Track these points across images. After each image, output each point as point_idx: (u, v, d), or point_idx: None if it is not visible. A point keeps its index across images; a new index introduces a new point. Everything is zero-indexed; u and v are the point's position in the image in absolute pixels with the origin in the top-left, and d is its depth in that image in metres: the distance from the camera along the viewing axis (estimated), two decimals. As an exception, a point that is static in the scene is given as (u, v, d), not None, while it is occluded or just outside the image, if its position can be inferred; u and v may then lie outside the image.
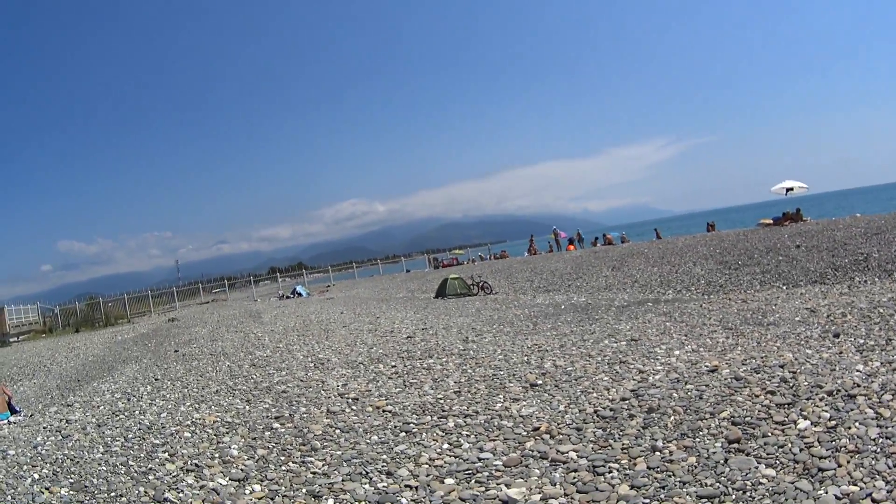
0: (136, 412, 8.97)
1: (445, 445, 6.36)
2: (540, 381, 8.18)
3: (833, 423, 5.37)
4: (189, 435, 7.34)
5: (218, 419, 7.99)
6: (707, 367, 7.68)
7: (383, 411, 7.79)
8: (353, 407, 8.11)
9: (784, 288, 15.29)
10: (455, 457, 6.05)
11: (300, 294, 39.35)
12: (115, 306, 39.88)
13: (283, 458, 6.43)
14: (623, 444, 5.71)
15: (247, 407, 8.65)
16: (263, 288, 52.17)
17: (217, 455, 6.56)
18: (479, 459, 5.87)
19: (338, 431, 7.13)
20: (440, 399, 8.04)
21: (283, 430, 7.34)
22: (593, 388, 7.57)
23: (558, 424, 6.50)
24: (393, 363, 10.86)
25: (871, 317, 9.63)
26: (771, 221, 29.33)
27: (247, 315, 26.27)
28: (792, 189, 32.25)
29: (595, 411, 6.71)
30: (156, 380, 12.01)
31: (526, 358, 9.90)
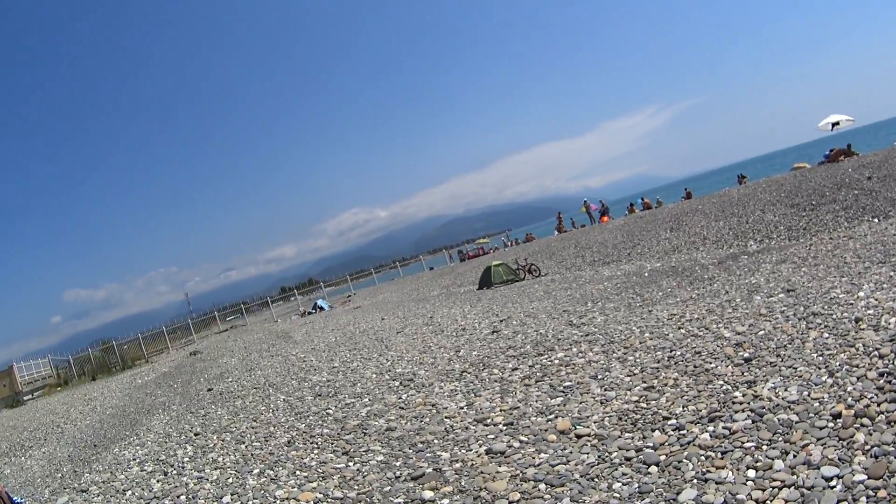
0: (182, 497, 5.92)
1: (751, 472, 3.96)
2: (748, 354, 6.15)
3: None
4: (285, 538, 4.35)
5: (319, 496, 4.99)
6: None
7: (577, 437, 5.17)
8: (522, 438, 5.46)
9: (877, 220, 13.80)
10: (792, 486, 3.70)
11: (322, 308, 36.81)
12: (130, 348, 37.07)
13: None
14: None
15: (351, 465, 5.72)
16: (279, 308, 49.17)
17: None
18: (826, 479, 3.68)
19: (542, 488, 4.32)
20: (639, 403, 5.61)
21: (445, 502, 4.34)
22: (829, 348, 5.80)
23: (857, 401, 4.46)
24: (510, 366, 8.30)
25: None
26: (807, 165, 28.16)
27: (274, 337, 23.56)
28: (838, 123, 30.35)
29: (883, 374, 4.78)
30: (195, 435, 9.06)
31: (684, 332, 7.84)
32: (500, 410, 6.33)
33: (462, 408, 6.78)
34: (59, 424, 15.85)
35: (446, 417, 6.52)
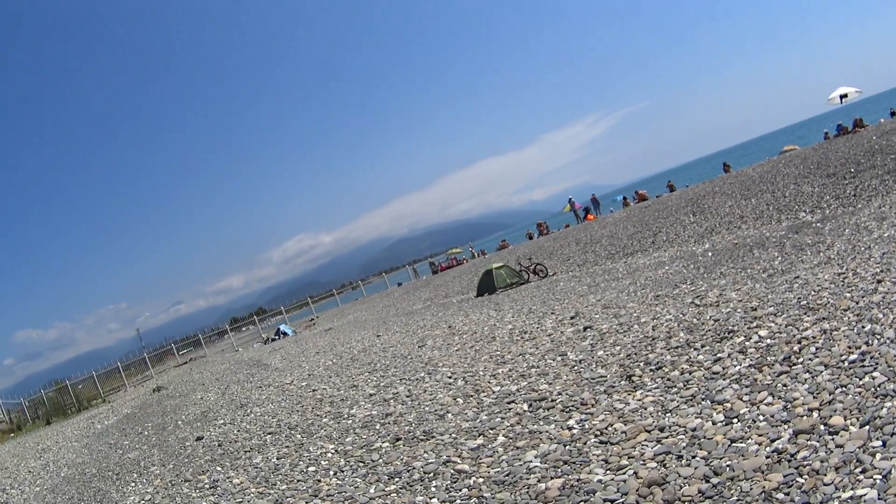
0: None
1: None
2: None
3: None
4: None
5: None
6: None
7: None
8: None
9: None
10: None
11: (286, 333, 33.98)
12: (85, 387, 34.30)
13: None
14: None
15: None
16: (235, 338, 45.22)
17: None
18: None
19: None
20: None
21: None
22: None
23: None
24: (700, 358, 5.94)
25: None
26: (797, 147, 28.29)
27: (246, 366, 20.15)
28: (846, 95, 29.51)
29: None
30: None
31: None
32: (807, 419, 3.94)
33: (725, 429, 3.97)
34: (3, 487, 12.41)
35: (734, 453, 3.67)
